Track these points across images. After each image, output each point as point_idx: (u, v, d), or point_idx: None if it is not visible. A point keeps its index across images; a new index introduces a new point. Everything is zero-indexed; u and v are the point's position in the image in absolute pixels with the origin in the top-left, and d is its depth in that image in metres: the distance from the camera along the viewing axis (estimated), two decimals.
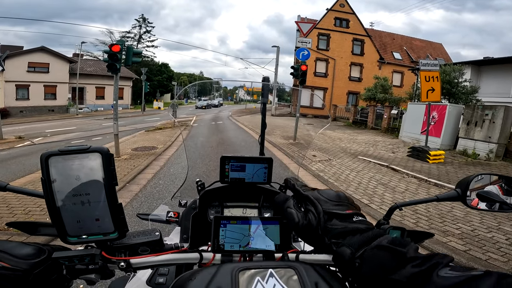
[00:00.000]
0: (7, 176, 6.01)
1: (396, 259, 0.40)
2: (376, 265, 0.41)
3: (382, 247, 0.42)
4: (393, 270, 0.40)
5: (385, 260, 0.41)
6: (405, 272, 0.39)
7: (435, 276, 0.37)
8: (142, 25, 45.04)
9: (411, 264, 0.39)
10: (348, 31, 26.90)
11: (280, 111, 30.27)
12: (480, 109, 8.81)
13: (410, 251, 0.41)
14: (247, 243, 0.71)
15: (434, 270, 0.38)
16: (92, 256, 0.54)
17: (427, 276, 0.37)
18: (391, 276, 0.39)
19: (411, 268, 0.39)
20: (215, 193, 0.97)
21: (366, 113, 17.62)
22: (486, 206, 0.93)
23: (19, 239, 3.02)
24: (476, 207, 0.90)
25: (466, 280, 0.34)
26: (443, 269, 0.38)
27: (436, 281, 0.36)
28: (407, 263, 0.40)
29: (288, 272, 0.44)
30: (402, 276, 0.38)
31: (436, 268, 0.38)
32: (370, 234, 0.45)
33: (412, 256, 0.40)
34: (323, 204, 0.49)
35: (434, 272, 0.37)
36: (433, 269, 0.38)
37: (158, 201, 4.61)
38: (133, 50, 7.27)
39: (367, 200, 4.91)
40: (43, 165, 0.51)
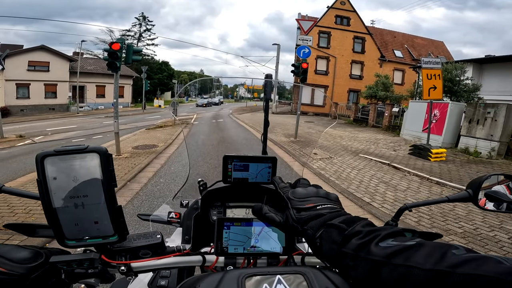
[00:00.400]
0: (7, 175, 6.01)
1: (341, 235, 0.45)
2: (330, 241, 0.46)
3: (331, 225, 0.47)
4: (342, 244, 0.44)
5: (334, 236, 0.45)
6: (351, 245, 0.43)
7: (373, 246, 0.40)
8: (142, 24, 44.95)
9: (356, 237, 0.43)
10: (349, 29, 26.76)
11: (281, 108, 30.23)
12: (482, 107, 8.77)
13: (356, 227, 0.45)
14: (251, 246, 0.69)
15: (374, 240, 0.41)
16: (91, 261, 0.52)
17: (368, 247, 0.41)
18: (342, 249, 0.43)
19: (355, 240, 0.43)
20: (217, 193, 0.95)
21: (367, 111, 17.57)
22: (494, 206, 0.91)
23: (20, 238, 3.02)
24: (484, 207, 0.89)
25: (401, 250, 0.37)
26: (386, 240, 0.41)
27: (373, 250, 0.40)
28: (352, 237, 0.43)
29: (296, 278, 0.42)
30: (350, 249, 0.42)
31: (375, 239, 0.41)
32: (327, 217, 0.50)
33: (357, 231, 0.44)
34: (293, 203, 0.55)
35: (373, 243, 0.41)
36: (373, 240, 0.41)
37: (159, 199, 4.60)
38: (133, 48, 7.25)
39: (368, 198, 4.90)
40: (38, 165, 0.49)
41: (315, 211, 0.52)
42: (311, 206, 0.53)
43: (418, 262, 0.35)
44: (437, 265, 0.34)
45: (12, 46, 23.67)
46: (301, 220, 0.52)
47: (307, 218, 0.51)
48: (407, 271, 0.35)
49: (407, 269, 0.35)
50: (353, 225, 0.46)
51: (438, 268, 0.33)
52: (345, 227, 0.45)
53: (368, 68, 26.69)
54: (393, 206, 4.59)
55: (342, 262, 0.43)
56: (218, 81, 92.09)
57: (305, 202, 0.54)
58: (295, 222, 0.52)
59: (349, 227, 0.45)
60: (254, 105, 41.13)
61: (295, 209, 0.54)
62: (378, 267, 0.38)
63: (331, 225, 0.47)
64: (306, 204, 0.54)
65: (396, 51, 28.15)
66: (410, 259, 0.36)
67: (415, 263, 0.35)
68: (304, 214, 0.52)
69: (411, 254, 0.36)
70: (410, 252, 0.37)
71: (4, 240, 3.03)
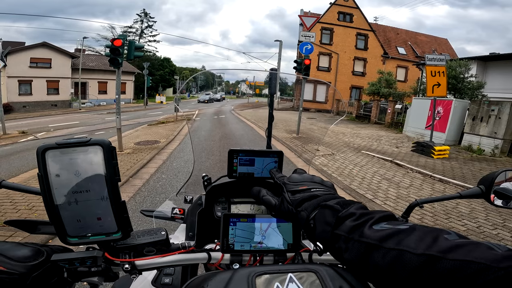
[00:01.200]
0: (10, 171, 6.03)
1: (334, 216, 0.44)
2: (323, 223, 0.45)
3: (325, 206, 0.47)
4: (336, 225, 0.44)
5: (328, 217, 0.45)
6: (344, 226, 0.43)
7: (367, 229, 0.40)
8: (143, 20, 44.86)
9: (350, 219, 0.43)
10: (352, 26, 26.57)
11: (283, 105, 30.11)
12: (486, 104, 8.69)
13: (350, 209, 0.45)
14: (258, 242, 0.67)
15: (367, 223, 0.41)
16: (94, 259, 0.51)
17: (362, 229, 0.40)
18: (335, 231, 0.43)
19: (349, 222, 0.42)
20: (222, 188, 0.93)
21: (370, 108, 17.48)
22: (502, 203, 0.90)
23: (23, 235, 3.03)
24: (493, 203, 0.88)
25: (393, 233, 0.37)
26: (379, 223, 0.41)
27: (366, 232, 0.39)
28: (346, 218, 0.43)
29: (309, 276, 0.40)
30: (343, 231, 0.42)
31: (369, 222, 0.41)
32: (321, 198, 0.50)
33: (351, 212, 0.44)
34: (288, 186, 0.56)
35: (367, 225, 0.40)
36: (366, 222, 0.41)
37: (161, 195, 4.60)
38: (134, 44, 7.24)
39: (371, 195, 4.88)
40: (39, 159, 0.47)
41: (309, 192, 0.53)
42: (305, 188, 0.54)
43: (410, 246, 0.35)
44: (428, 249, 0.33)
45: (13, 43, 23.70)
46: (295, 201, 0.52)
47: (300, 199, 0.52)
48: (399, 255, 0.35)
49: (399, 253, 0.35)
50: (347, 207, 0.46)
51: (429, 253, 0.33)
52: (339, 208, 0.45)
53: (371, 65, 26.53)
54: (395, 203, 4.57)
55: (334, 244, 0.43)
56: (220, 78, 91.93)
57: (299, 185, 0.55)
58: (290, 204, 0.53)
59: (343, 209, 0.45)
60: (256, 101, 41.00)
61: (290, 192, 0.55)
62: (370, 250, 0.38)
63: (325, 205, 0.47)
64: (300, 187, 0.55)
65: (400, 48, 27.94)
66: (402, 242, 0.36)
67: (406, 247, 0.35)
68: (298, 196, 0.53)
69: (403, 238, 0.36)
70: (402, 236, 0.36)
71: (7, 237, 3.02)
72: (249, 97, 50.82)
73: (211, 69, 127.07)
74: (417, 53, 27.45)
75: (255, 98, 48.72)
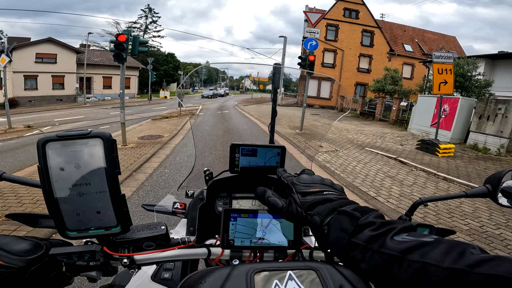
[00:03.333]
0: (15, 165, 6.10)
1: (353, 223, 0.43)
2: (339, 229, 0.43)
3: (343, 212, 0.45)
4: (353, 233, 0.42)
5: (345, 224, 0.43)
6: (362, 235, 0.41)
7: (389, 240, 0.39)
8: (148, 16, 44.75)
9: (369, 228, 0.41)
10: (358, 22, 26.27)
11: (287, 101, 30.03)
12: (493, 103, 8.57)
13: (369, 217, 0.43)
14: (259, 239, 0.67)
15: (389, 234, 0.40)
16: (92, 253, 0.50)
17: (382, 240, 0.39)
18: (352, 239, 0.41)
19: (368, 232, 0.41)
20: (223, 183, 0.93)
21: (374, 105, 17.35)
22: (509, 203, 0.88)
23: (27, 229, 3.05)
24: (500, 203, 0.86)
25: (418, 245, 0.36)
26: (400, 234, 0.40)
27: (388, 244, 0.38)
28: (365, 227, 0.42)
29: (309, 274, 0.39)
30: (361, 240, 0.41)
31: (391, 232, 0.40)
32: (337, 203, 0.48)
33: (370, 221, 0.42)
34: (297, 187, 0.53)
35: (388, 236, 0.39)
36: (388, 233, 0.40)
37: (164, 190, 4.62)
38: (139, 39, 7.23)
39: (374, 193, 4.85)
40: (39, 151, 0.46)
41: (322, 195, 0.50)
42: (317, 190, 0.52)
43: (436, 259, 0.34)
44: (455, 263, 0.33)
45: (19, 38, 23.81)
46: (306, 204, 0.50)
47: (312, 202, 0.49)
48: (423, 267, 0.34)
49: (423, 266, 0.34)
50: (366, 215, 0.44)
51: (456, 267, 0.32)
52: (359, 215, 0.43)
53: (377, 62, 26.27)
54: (398, 201, 4.55)
55: (349, 253, 0.42)
56: (223, 73, 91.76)
57: (310, 187, 0.53)
58: (299, 206, 0.50)
59: (362, 216, 0.43)
60: (260, 97, 40.92)
61: (300, 193, 0.52)
62: (392, 262, 0.37)
63: (343, 212, 0.45)
64: (311, 189, 0.52)
65: (406, 45, 27.58)
66: (427, 255, 0.35)
67: (432, 260, 0.34)
68: (309, 198, 0.50)
69: (428, 251, 0.35)
70: (427, 249, 0.36)
71: (11, 231, 3.05)
72: (253, 92, 50.72)
73: (213, 62, 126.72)
74: (424, 50, 27.09)
75: (259, 94, 48.62)
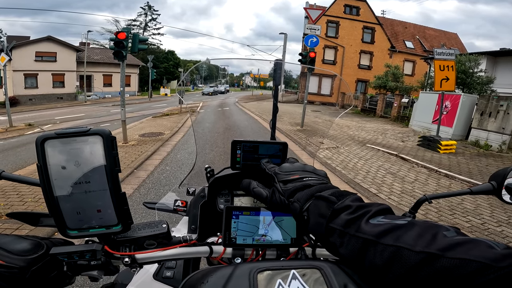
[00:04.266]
0: (17, 163, 6.11)
1: (329, 208, 0.42)
2: (318, 215, 0.43)
3: (320, 197, 0.44)
4: (330, 218, 0.41)
5: (322, 209, 0.43)
6: (339, 220, 0.40)
7: (364, 223, 0.38)
8: (147, 13, 44.58)
9: (345, 212, 0.41)
10: (358, 19, 26.15)
11: (287, 98, 29.97)
12: (495, 99, 8.54)
13: (346, 201, 0.42)
14: (261, 236, 0.66)
15: (364, 217, 0.39)
16: (93, 252, 0.50)
17: (358, 224, 0.39)
18: (330, 224, 0.41)
19: (344, 216, 0.40)
20: (225, 180, 0.92)
21: (375, 101, 17.29)
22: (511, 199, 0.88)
23: (29, 228, 3.05)
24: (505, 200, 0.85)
25: (391, 229, 0.36)
26: (376, 217, 0.39)
27: (363, 227, 0.38)
28: (341, 211, 0.41)
29: (313, 273, 0.38)
30: (338, 224, 0.40)
31: (365, 216, 0.39)
32: (316, 188, 0.47)
33: (347, 205, 0.42)
34: (279, 176, 0.54)
35: (363, 219, 0.39)
36: (363, 216, 0.39)
37: (165, 187, 4.62)
38: (138, 37, 7.21)
39: (375, 189, 4.85)
40: (38, 149, 0.46)
41: (301, 181, 0.50)
42: (297, 177, 0.52)
43: (409, 243, 0.34)
44: (427, 247, 0.32)
45: (18, 37, 23.75)
46: (287, 192, 0.50)
47: (293, 189, 0.49)
48: (397, 252, 0.34)
49: (396, 250, 0.34)
50: (343, 199, 0.43)
51: (428, 251, 0.32)
52: (335, 199, 0.43)
53: (378, 59, 26.18)
54: (400, 198, 4.54)
55: (329, 238, 0.41)
56: (224, 70, 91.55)
57: (290, 175, 0.53)
58: (281, 194, 0.50)
59: (339, 201, 0.43)
60: (260, 94, 40.87)
61: (281, 182, 0.52)
62: (367, 246, 0.36)
63: (319, 197, 0.45)
64: (292, 176, 0.52)
65: (407, 42, 27.46)
66: (400, 239, 0.34)
67: (405, 244, 0.34)
68: (290, 186, 0.50)
69: (401, 234, 0.35)
70: (401, 232, 0.35)
71: (13, 230, 3.04)
72: (253, 89, 50.63)
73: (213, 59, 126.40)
74: (425, 47, 26.95)
75: (260, 91, 48.54)
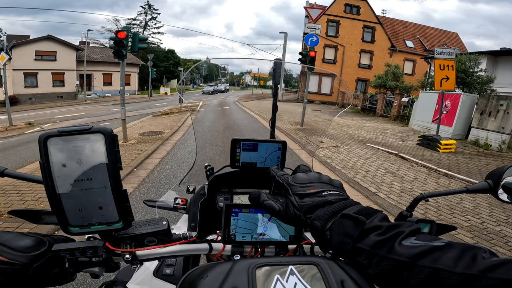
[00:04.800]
0: (17, 162, 6.12)
1: (358, 227, 0.41)
2: (343, 234, 0.41)
3: (346, 216, 0.43)
4: (358, 238, 0.40)
5: (349, 229, 0.41)
6: (368, 240, 0.39)
7: (397, 245, 0.37)
8: (147, 12, 44.45)
9: (375, 232, 0.40)
10: (359, 18, 26.08)
11: (287, 97, 29.96)
12: (495, 99, 8.54)
13: (374, 220, 0.41)
14: (260, 234, 0.67)
15: (397, 238, 0.38)
16: (95, 249, 0.51)
17: (390, 245, 0.38)
18: (357, 245, 0.40)
19: (374, 236, 0.39)
20: (224, 178, 0.93)
21: (375, 101, 17.29)
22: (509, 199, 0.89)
23: (30, 226, 3.07)
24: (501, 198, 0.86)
25: (428, 251, 0.35)
26: (408, 238, 0.38)
27: (398, 250, 0.37)
28: (371, 231, 0.40)
29: (310, 269, 0.39)
30: (366, 245, 0.39)
31: (398, 237, 0.38)
32: (338, 205, 0.45)
33: (376, 225, 0.40)
34: (294, 188, 0.51)
35: (397, 241, 0.38)
36: (396, 237, 0.38)
37: (165, 186, 4.63)
38: (138, 36, 7.21)
39: (375, 188, 4.86)
40: (41, 147, 0.47)
41: (321, 197, 0.48)
42: (315, 191, 0.49)
43: (448, 264, 0.33)
44: (468, 268, 0.32)
45: (18, 36, 23.70)
46: (304, 207, 0.47)
47: (311, 205, 0.47)
48: (435, 273, 0.34)
49: (435, 271, 0.34)
50: (371, 218, 0.42)
51: (469, 272, 0.32)
52: (364, 219, 0.41)
53: (378, 58, 26.14)
54: (399, 197, 4.55)
55: (354, 258, 0.40)
56: (224, 69, 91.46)
57: (307, 188, 0.50)
58: (297, 209, 0.48)
59: (367, 220, 0.41)
60: (260, 93, 40.83)
61: (297, 195, 0.49)
62: (401, 268, 0.36)
63: (346, 215, 0.43)
64: (309, 190, 0.49)
65: (408, 41, 27.40)
66: (439, 261, 0.34)
67: (444, 266, 0.33)
68: (307, 201, 0.48)
69: (439, 256, 0.35)
70: (439, 254, 0.35)
71: (14, 228, 3.05)
72: (253, 88, 50.58)
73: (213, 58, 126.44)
74: (425, 46, 26.90)
75: (260, 90, 48.49)
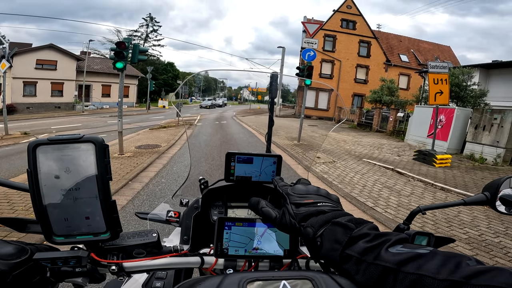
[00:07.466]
0: (11, 171, 6.04)
1: (347, 234, 0.42)
2: (333, 241, 0.43)
3: (336, 223, 0.44)
4: (347, 245, 0.41)
5: (339, 236, 0.43)
6: (357, 247, 0.40)
7: (384, 252, 0.38)
8: (149, 24, 45.28)
9: (363, 240, 0.41)
10: (355, 33, 26.73)
11: (284, 112, 30.20)
12: (489, 112, 8.66)
13: (363, 229, 0.43)
14: (253, 248, 0.65)
15: (384, 245, 0.39)
16: (78, 258, 0.49)
17: (377, 252, 0.38)
18: (346, 251, 0.41)
19: (362, 243, 0.40)
20: (219, 192, 0.91)
21: (371, 116, 17.49)
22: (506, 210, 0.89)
23: (18, 235, 3.00)
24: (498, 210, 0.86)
25: (412, 258, 0.36)
26: (395, 246, 0.39)
27: (384, 256, 0.38)
28: (359, 239, 0.41)
29: (304, 284, 0.38)
30: (355, 251, 0.40)
31: (385, 244, 0.39)
32: (331, 215, 0.47)
33: (365, 233, 0.42)
34: (291, 198, 0.53)
35: (383, 248, 0.39)
36: (383, 245, 0.39)
37: (160, 199, 4.57)
38: (139, 48, 7.29)
39: (372, 203, 4.83)
40: (30, 155, 0.46)
41: (316, 207, 0.50)
42: (311, 202, 0.51)
43: (431, 271, 0.34)
44: (451, 275, 0.33)
45: (21, 44, 23.95)
46: (299, 215, 0.49)
47: (306, 214, 0.49)
48: (419, 280, 0.34)
49: (418, 278, 0.34)
50: (360, 227, 0.43)
51: (452, 278, 0.32)
52: (353, 226, 0.43)
53: (373, 73, 26.61)
54: (396, 211, 4.52)
55: (343, 265, 0.41)
56: (222, 83, 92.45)
57: (304, 198, 0.52)
58: (293, 217, 0.50)
59: (356, 228, 0.43)
60: (258, 107, 41.17)
61: (294, 204, 0.52)
62: (387, 274, 0.36)
63: (336, 223, 0.44)
64: (306, 200, 0.52)
65: (402, 56, 28.02)
66: (423, 267, 0.35)
67: (428, 272, 0.34)
68: (303, 210, 0.50)
69: (423, 263, 0.35)
70: (423, 261, 0.35)
71: (2, 237, 3.01)
72: (251, 103, 51.01)
73: (210, 69, 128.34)
74: (419, 60, 27.50)
75: (257, 105, 48.90)
